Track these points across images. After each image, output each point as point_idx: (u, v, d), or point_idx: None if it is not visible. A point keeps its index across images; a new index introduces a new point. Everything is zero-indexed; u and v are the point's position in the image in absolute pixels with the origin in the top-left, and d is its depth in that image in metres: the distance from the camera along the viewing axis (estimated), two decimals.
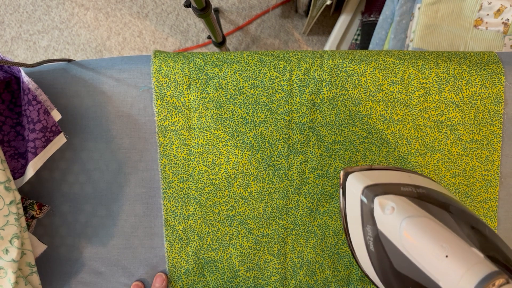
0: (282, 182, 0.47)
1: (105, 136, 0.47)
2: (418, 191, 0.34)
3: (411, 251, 0.31)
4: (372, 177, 0.34)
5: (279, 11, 1.27)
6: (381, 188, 0.33)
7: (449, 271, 0.28)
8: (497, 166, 0.47)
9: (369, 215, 0.33)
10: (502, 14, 0.67)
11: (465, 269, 0.28)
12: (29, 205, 0.45)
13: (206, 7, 0.74)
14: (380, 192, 0.33)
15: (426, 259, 0.30)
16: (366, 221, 0.34)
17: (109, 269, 0.49)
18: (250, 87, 0.46)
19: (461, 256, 0.28)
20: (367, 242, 0.35)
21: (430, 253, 0.29)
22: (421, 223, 0.31)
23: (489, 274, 0.27)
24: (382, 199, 0.32)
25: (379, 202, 0.32)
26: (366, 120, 0.47)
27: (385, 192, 0.33)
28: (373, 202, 0.33)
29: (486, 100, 0.46)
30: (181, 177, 0.47)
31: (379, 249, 0.33)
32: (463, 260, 0.28)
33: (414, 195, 0.33)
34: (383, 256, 0.33)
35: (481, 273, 0.27)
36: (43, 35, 1.28)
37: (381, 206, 0.32)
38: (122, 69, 0.47)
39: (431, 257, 0.29)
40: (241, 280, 0.48)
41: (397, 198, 0.32)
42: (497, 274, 0.27)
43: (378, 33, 0.82)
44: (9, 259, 0.40)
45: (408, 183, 0.34)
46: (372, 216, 0.33)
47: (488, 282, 0.26)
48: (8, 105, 0.45)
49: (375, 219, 0.33)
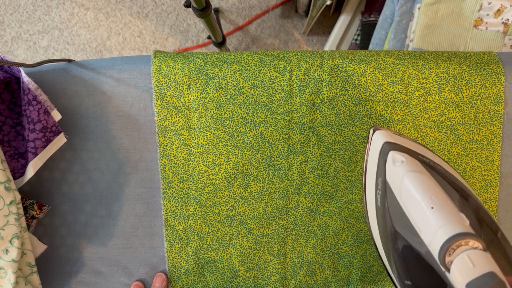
0: (282, 182, 0.47)
1: (105, 136, 0.47)
2: (433, 165, 0.35)
3: (405, 201, 0.33)
4: (396, 138, 0.37)
5: (279, 11, 1.27)
6: (400, 147, 0.35)
7: (430, 221, 0.30)
8: (497, 166, 0.47)
9: (382, 167, 0.36)
10: (502, 14, 0.67)
11: (446, 221, 0.29)
12: (29, 205, 0.45)
13: (206, 7, 0.74)
14: (397, 149, 0.35)
15: (415, 208, 0.32)
16: (379, 173, 0.36)
17: (109, 269, 0.49)
18: (250, 87, 0.46)
19: (445, 211, 0.30)
20: (376, 196, 0.37)
21: (419, 202, 0.31)
22: (421, 178, 0.33)
23: (467, 232, 0.28)
24: (396, 154, 0.35)
25: (392, 155, 0.35)
26: (366, 120, 0.47)
27: (401, 150, 0.35)
28: (388, 155, 0.35)
29: (486, 100, 0.46)
30: (181, 177, 0.47)
31: (383, 203, 0.35)
32: (446, 214, 0.30)
33: (429, 165, 0.35)
34: (385, 211, 0.35)
35: (460, 229, 0.28)
36: (43, 35, 1.28)
37: (393, 159, 0.35)
38: (122, 69, 0.47)
39: (419, 206, 0.31)
40: (241, 280, 0.48)
41: (409, 157, 0.34)
42: (473, 236, 0.28)
43: (378, 33, 0.82)
44: (9, 259, 0.40)
45: (428, 157, 0.36)
46: (384, 168, 0.35)
47: (463, 238, 0.28)
48: (8, 105, 0.45)
49: (386, 170, 0.35)
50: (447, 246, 0.29)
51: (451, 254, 0.29)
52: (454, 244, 0.28)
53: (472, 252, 0.28)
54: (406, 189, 0.33)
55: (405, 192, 0.33)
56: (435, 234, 0.29)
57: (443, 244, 0.29)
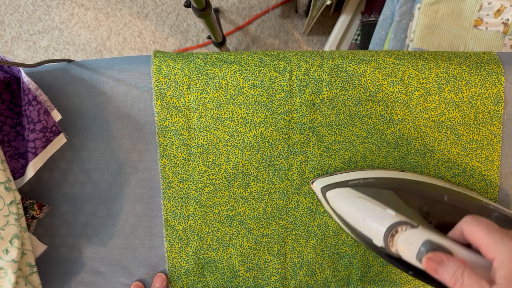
0: (282, 182, 0.47)
1: (105, 136, 0.48)
2: (365, 181, 0.43)
3: (351, 222, 0.42)
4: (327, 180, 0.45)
5: (279, 11, 1.27)
6: (332, 185, 0.44)
7: (370, 228, 0.38)
8: (497, 166, 0.47)
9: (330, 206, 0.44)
10: (502, 14, 0.67)
11: (377, 223, 0.37)
12: (29, 205, 0.45)
13: (206, 7, 0.74)
14: (330, 188, 0.44)
15: (358, 225, 0.40)
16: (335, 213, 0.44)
17: (109, 269, 0.49)
18: (250, 87, 0.46)
19: (375, 216, 0.38)
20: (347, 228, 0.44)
21: (357, 219, 0.40)
22: (350, 202, 0.41)
23: (392, 224, 0.36)
24: (330, 192, 0.44)
25: (328, 195, 0.44)
26: (366, 120, 0.47)
27: (334, 187, 0.44)
28: (325, 195, 0.44)
29: (486, 100, 0.46)
30: (181, 177, 0.47)
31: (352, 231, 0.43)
32: (376, 218, 0.38)
33: (360, 185, 0.43)
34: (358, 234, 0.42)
35: (388, 223, 0.36)
36: (43, 35, 1.28)
37: (329, 197, 0.44)
38: (122, 69, 0.47)
39: (359, 222, 0.40)
40: (241, 280, 0.48)
41: (341, 189, 0.43)
42: (401, 223, 0.36)
43: (378, 33, 0.82)
44: (9, 259, 0.40)
45: (359, 177, 0.44)
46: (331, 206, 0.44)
47: (391, 230, 0.36)
48: (8, 105, 0.45)
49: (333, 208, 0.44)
50: (386, 242, 0.36)
51: (393, 245, 0.36)
52: (389, 238, 0.36)
53: (404, 235, 0.35)
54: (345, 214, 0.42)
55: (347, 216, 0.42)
56: (377, 236, 0.37)
57: (383, 242, 0.36)
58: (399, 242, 0.35)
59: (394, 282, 0.48)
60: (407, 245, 0.34)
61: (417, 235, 0.34)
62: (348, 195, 0.42)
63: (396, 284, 0.48)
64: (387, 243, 0.36)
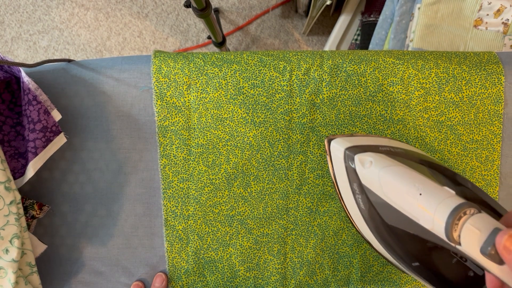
0: (282, 182, 0.47)
1: (105, 136, 0.48)
2: (395, 150, 0.37)
3: (391, 197, 0.34)
4: (353, 141, 0.38)
5: (279, 11, 1.27)
6: (360, 148, 0.37)
7: (425, 207, 0.31)
8: (497, 166, 0.47)
9: (353, 173, 0.37)
10: (502, 14, 0.67)
11: (438, 202, 0.30)
12: (29, 205, 0.45)
13: (206, 7, 0.74)
14: (360, 151, 0.36)
15: (404, 200, 0.33)
16: (352, 180, 0.37)
17: (109, 269, 0.49)
18: (250, 87, 0.46)
19: (433, 193, 0.31)
20: (357, 201, 0.37)
21: (406, 193, 0.32)
22: (396, 170, 0.34)
23: (459, 204, 0.29)
24: (361, 156, 0.36)
25: (359, 159, 0.36)
26: (366, 120, 0.47)
27: (364, 150, 0.36)
28: (354, 160, 0.36)
29: (486, 100, 0.46)
30: (181, 177, 0.47)
31: (367, 205, 0.36)
32: (436, 195, 0.31)
33: (392, 153, 0.37)
34: (372, 211, 0.36)
35: (453, 204, 0.29)
36: (43, 35, 1.28)
37: (361, 162, 0.36)
38: (122, 69, 0.47)
39: (408, 197, 0.32)
40: (241, 280, 0.48)
41: (374, 154, 0.36)
42: (468, 205, 0.29)
43: (378, 33, 0.82)
44: (9, 259, 0.40)
45: (386, 144, 0.38)
46: (356, 173, 0.36)
47: (459, 211, 0.29)
48: (8, 105, 0.45)
49: (358, 175, 0.36)
50: (450, 224, 0.29)
51: (456, 229, 0.29)
52: (456, 220, 0.29)
53: (472, 219, 0.29)
54: (387, 186, 0.34)
55: (388, 188, 0.34)
56: (434, 218, 0.30)
57: (446, 225, 0.30)
58: (466, 226, 0.29)
59: (394, 282, 0.48)
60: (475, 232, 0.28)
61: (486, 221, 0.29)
62: (390, 163, 0.35)
63: (396, 284, 0.48)
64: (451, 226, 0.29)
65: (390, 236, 0.36)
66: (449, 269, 0.36)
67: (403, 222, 0.34)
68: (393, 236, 0.36)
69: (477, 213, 0.29)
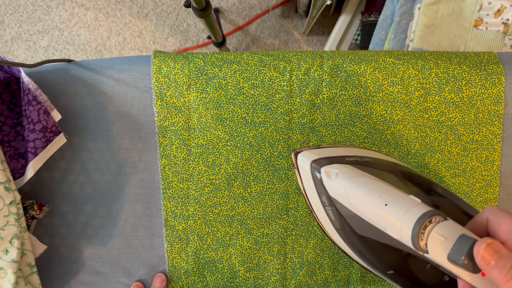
0: (282, 182, 0.47)
1: (105, 136, 0.48)
2: (363, 160, 0.37)
3: (359, 209, 0.34)
4: (319, 153, 0.38)
5: (279, 11, 1.27)
6: (327, 160, 0.37)
7: (391, 217, 0.31)
8: (497, 167, 0.47)
9: (321, 186, 0.37)
10: (502, 14, 0.67)
11: (404, 212, 0.31)
12: (29, 205, 0.45)
13: (206, 7, 0.74)
14: (326, 163, 0.37)
15: (371, 211, 0.33)
16: (321, 192, 0.37)
17: (109, 269, 0.49)
18: (250, 87, 0.46)
19: (399, 202, 0.32)
20: (328, 212, 0.37)
21: (372, 204, 0.33)
22: (361, 181, 0.34)
23: (425, 212, 0.30)
24: (327, 168, 0.36)
25: (325, 171, 0.36)
26: (366, 120, 0.47)
27: (330, 162, 0.37)
28: (320, 172, 0.37)
29: (486, 100, 0.46)
30: (181, 177, 0.47)
31: (337, 216, 0.36)
32: (401, 205, 0.31)
33: (359, 163, 0.37)
34: (343, 222, 0.36)
35: (418, 213, 0.30)
36: (43, 35, 1.28)
37: (327, 174, 0.36)
38: (122, 69, 0.47)
39: (374, 208, 0.33)
40: (241, 280, 0.48)
41: (340, 166, 0.36)
42: (434, 213, 0.30)
43: (378, 33, 0.82)
44: (9, 260, 0.40)
45: (353, 154, 0.38)
46: (323, 186, 0.37)
47: (424, 220, 0.29)
48: (8, 105, 0.45)
49: (326, 187, 0.36)
50: (416, 233, 0.30)
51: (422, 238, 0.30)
52: (421, 229, 0.29)
53: (438, 227, 0.29)
54: (354, 197, 0.34)
55: (355, 200, 0.34)
56: (401, 228, 0.31)
57: (412, 234, 0.30)
58: (432, 234, 0.29)
59: None
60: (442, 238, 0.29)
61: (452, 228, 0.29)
62: (355, 174, 0.35)
63: None
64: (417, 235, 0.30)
65: (362, 246, 0.36)
66: (424, 275, 0.35)
67: (373, 232, 0.34)
68: (365, 246, 0.36)
69: (443, 220, 0.29)
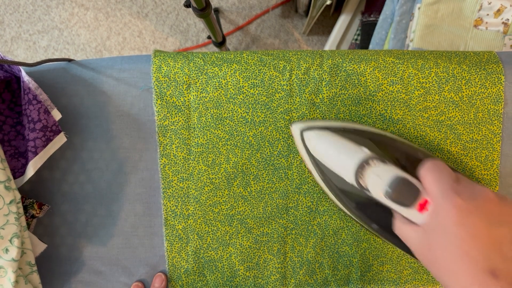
0: (282, 182, 0.47)
1: (105, 135, 0.48)
2: (345, 129, 0.43)
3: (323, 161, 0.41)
4: (309, 123, 0.44)
5: (279, 11, 1.27)
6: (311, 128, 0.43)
7: (343, 165, 0.39)
8: (496, 166, 0.47)
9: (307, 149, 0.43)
10: (502, 14, 0.68)
11: (351, 158, 0.38)
12: (29, 204, 0.45)
13: (206, 7, 0.74)
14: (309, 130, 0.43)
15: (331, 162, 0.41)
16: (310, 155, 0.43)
17: (109, 269, 0.49)
18: (250, 86, 0.46)
19: (349, 152, 0.39)
20: (317, 172, 0.43)
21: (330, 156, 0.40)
22: (325, 139, 0.41)
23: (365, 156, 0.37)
24: (307, 133, 0.43)
25: (305, 135, 0.43)
26: (366, 119, 0.47)
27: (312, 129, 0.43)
28: (304, 137, 0.43)
29: (486, 99, 0.46)
30: (181, 176, 0.47)
31: (322, 174, 0.43)
32: (350, 154, 0.39)
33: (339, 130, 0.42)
34: (327, 179, 0.42)
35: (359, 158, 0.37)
36: (43, 35, 1.28)
37: (306, 137, 0.43)
38: (122, 68, 0.47)
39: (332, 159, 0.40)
40: (241, 280, 0.48)
41: (319, 130, 0.42)
42: (373, 157, 0.37)
43: (378, 33, 0.82)
44: (9, 258, 0.40)
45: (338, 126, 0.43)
46: (307, 148, 0.43)
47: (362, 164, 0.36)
48: (9, 104, 0.46)
49: (310, 150, 0.43)
50: (356, 173, 0.37)
51: (361, 177, 0.36)
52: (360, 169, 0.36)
53: (374, 168, 0.36)
54: (324, 153, 0.41)
55: (325, 156, 0.41)
56: (349, 171, 0.37)
57: (355, 174, 0.37)
58: (368, 173, 0.36)
59: (393, 281, 0.48)
60: (377, 177, 0.35)
61: (388, 170, 0.35)
62: (324, 135, 0.42)
63: (395, 283, 0.48)
64: (357, 176, 0.36)
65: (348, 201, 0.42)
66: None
67: (343, 182, 0.40)
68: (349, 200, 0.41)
69: (381, 163, 0.36)
